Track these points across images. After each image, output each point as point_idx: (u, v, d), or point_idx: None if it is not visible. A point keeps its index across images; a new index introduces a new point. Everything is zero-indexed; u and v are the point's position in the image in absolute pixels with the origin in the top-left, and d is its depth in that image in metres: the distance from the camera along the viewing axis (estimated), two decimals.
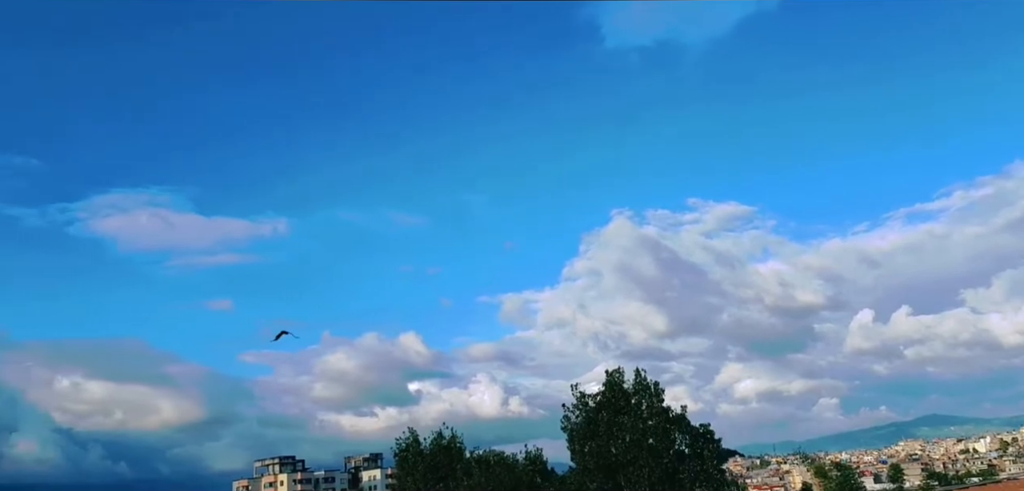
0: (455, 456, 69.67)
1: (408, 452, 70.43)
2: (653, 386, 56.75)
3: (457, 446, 70.80)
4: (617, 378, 57.37)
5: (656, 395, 56.42)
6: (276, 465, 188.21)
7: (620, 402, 56.26)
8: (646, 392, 56.60)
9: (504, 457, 69.97)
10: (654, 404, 56.15)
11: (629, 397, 56.55)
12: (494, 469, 66.78)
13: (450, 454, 69.77)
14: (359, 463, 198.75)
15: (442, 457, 69.34)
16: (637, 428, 54.77)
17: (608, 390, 57.08)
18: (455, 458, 69.43)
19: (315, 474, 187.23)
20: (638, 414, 55.72)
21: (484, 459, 69.19)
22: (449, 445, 70.48)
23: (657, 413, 55.92)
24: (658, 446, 54.76)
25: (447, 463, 68.93)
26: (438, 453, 69.62)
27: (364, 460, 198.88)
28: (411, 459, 69.98)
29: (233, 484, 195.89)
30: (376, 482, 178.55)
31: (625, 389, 56.85)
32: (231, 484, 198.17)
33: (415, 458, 69.80)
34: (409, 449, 70.48)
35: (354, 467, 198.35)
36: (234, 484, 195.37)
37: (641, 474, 53.77)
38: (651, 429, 55.21)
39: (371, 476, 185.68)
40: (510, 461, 69.28)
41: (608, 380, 57.51)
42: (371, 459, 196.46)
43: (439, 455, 69.45)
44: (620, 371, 57.77)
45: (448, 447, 70.35)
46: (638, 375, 57.30)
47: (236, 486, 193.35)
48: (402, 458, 70.96)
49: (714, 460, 56.67)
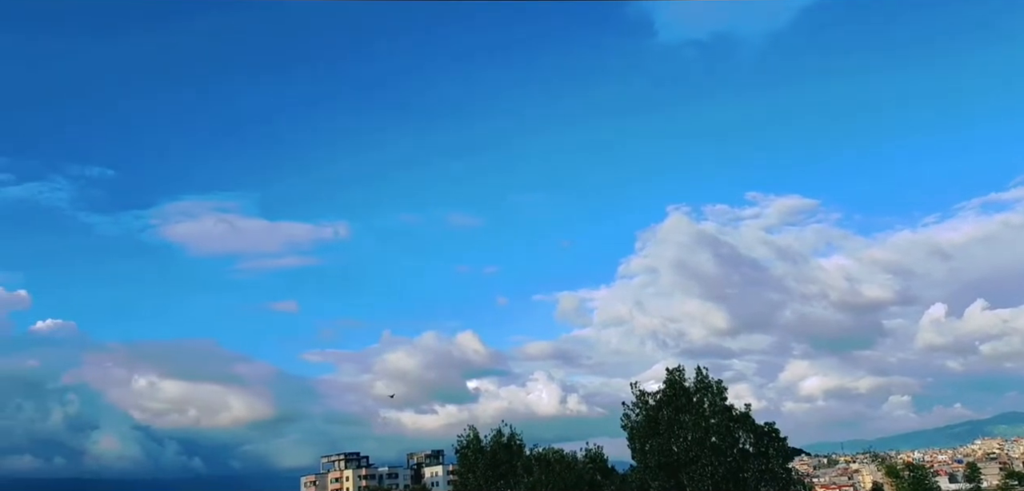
0: (515, 454, 70.04)
1: (469, 449, 71.16)
2: (715, 384, 55.97)
3: (517, 444, 71.19)
4: (678, 376, 56.73)
5: (718, 393, 55.62)
6: (342, 461, 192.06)
7: (681, 400, 55.63)
8: (708, 390, 55.85)
9: (564, 455, 69.91)
10: (716, 402, 55.36)
11: (690, 395, 55.87)
12: (554, 467, 66.80)
13: (510, 451, 70.20)
14: (421, 459, 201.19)
15: (502, 454, 69.82)
16: (699, 426, 54.07)
17: (669, 388, 56.51)
18: (515, 456, 69.79)
19: (379, 470, 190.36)
20: (700, 412, 54.99)
21: (544, 457, 69.25)
22: (509, 443, 70.93)
23: (720, 411, 55.12)
24: (721, 444, 53.95)
25: (507, 460, 69.35)
26: (498, 450, 70.14)
27: (426, 457, 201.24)
28: (472, 456, 70.68)
29: (301, 480, 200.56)
30: (438, 478, 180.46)
31: (686, 387, 56.18)
32: (299, 480, 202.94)
33: (476, 455, 70.46)
34: (470, 446, 71.20)
35: (416, 463, 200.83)
36: (302, 480, 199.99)
37: (704, 472, 53.05)
38: (714, 427, 54.43)
39: (433, 472, 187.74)
40: (570, 459, 69.18)
41: (669, 378, 56.93)
42: (433, 456, 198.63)
43: (499, 452, 69.95)
44: (680, 369, 57.15)
45: (508, 444, 70.80)
46: (699, 373, 56.57)
47: (304, 482, 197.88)
48: (463, 455, 71.72)
49: (779, 459, 55.52)
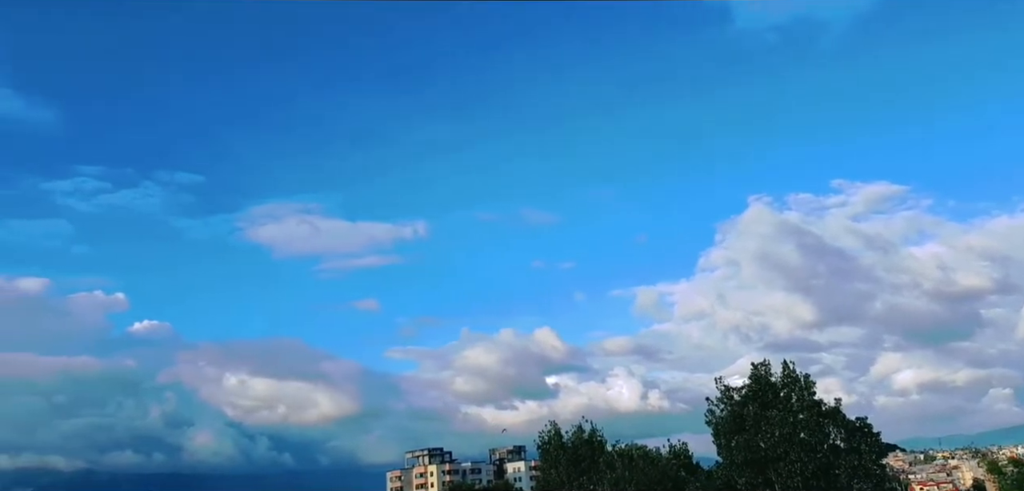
0: (597, 450, 69.75)
1: (550, 445, 71.26)
2: (803, 378, 54.50)
3: (598, 440, 70.88)
4: (763, 371, 55.49)
5: (806, 387, 54.15)
6: (425, 456, 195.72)
7: (768, 395, 54.37)
8: (795, 384, 54.44)
9: (647, 451, 69.31)
10: (805, 397, 53.90)
11: (777, 390, 54.55)
12: (637, 463, 66.29)
13: (592, 447, 69.96)
14: (503, 455, 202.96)
15: (584, 450, 69.65)
16: (787, 422, 52.71)
17: (754, 383, 55.32)
18: (597, 452, 69.50)
19: (462, 465, 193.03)
20: (788, 407, 53.65)
21: (627, 453, 68.79)
22: (590, 438, 70.68)
23: (808, 406, 53.64)
24: (811, 440, 52.48)
25: (589, 456, 69.14)
26: (580, 446, 69.99)
27: (508, 452, 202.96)
28: (553, 452, 70.77)
29: (386, 474, 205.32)
30: (520, 474, 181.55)
31: (772, 382, 54.89)
32: (384, 474, 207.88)
33: (557, 451, 70.52)
34: (551, 442, 71.29)
35: (499, 459, 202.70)
36: (387, 474, 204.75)
37: (793, 469, 51.70)
38: (802, 423, 52.99)
39: (515, 468, 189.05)
40: (653, 455, 68.54)
41: (754, 373, 55.74)
42: (515, 451, 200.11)
43: (581, 448, 69.80)
44: (766, 363, 55.89)
45: (589, 440, 70.57)
46: (786, 367, 55.18)
47: (389, 476, 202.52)
48: (545, 451, 71.90)
49: (872, 455, 53.63)
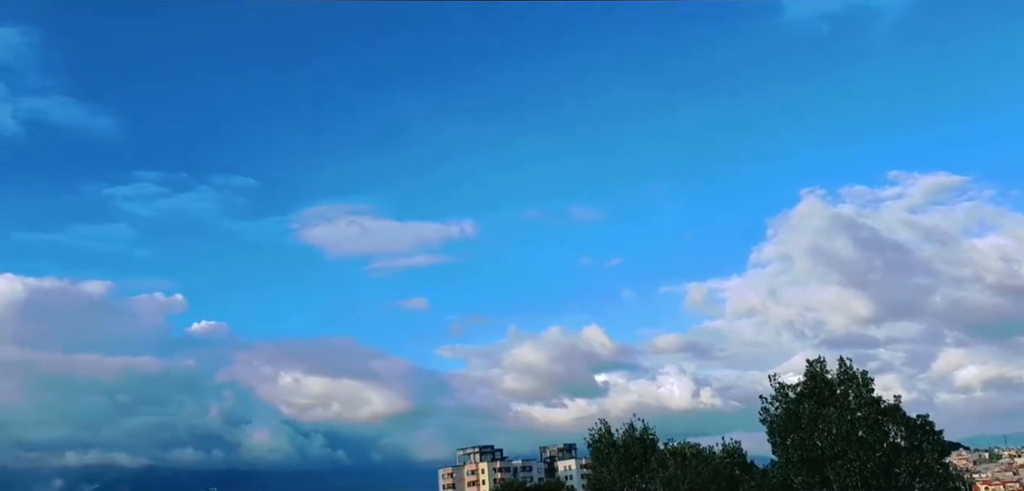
0: (649, 448, 69.17)
1: (601, 443, 70.89)
2: (860, 375, 53.06)
3: (650, 438, 70.26)
4: (819, 368, 54.25)
5: (864, 384, 52.72)
6: (477, 454, 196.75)
7: (824, 392, 53.16)
8: (852, 381, 53.08)
9: (700, 449, 68.47)
10: (862, 394, 52.50)
11: (834, 387, 53.30)
12: (690, 462, 65.51)
13: (644, 446, 69.38)
14: (554, 453, 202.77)
15: (636, 448, 69.11)
16: (845, 420, 51.46)
17: (810, 380, 54.13)
18: (649, 450, 68.92)
19: (513, 463, 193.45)
20: (845, 405, 52.38)
21: (679, 451, 68.05)
22: (642, 437, 70.10)
23: (866, 403, 52.26)
24: (869, 438, 51.13)
25: (641, 454, 68.59)
26: (631, 444, 69.47)
27: (559, 450, 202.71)
28: (605, 450, 70.40)
29: (438, 471, 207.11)
30: (571, 472, 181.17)
31: (829, 379, 53.63)
32: (437, 472, 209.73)
33: (608, 449, 70.13)
34: (602, 440, 70.91)
35: (549, 457, 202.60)
36: (439, 471, 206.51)
37: (851, 468, 50.45)
38: (860, 421, 51.67)
39: (566, 466, 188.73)
40: (706, 454, 67.66)
41: (809, 370, 54.54)
42: (565, 449, 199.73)
43: (632, 446, 69.28)
44: (822, 360, 54.61)
45: (641, 439, 69.99)
46: (842, 364, 53.86)
47: (441, 473, 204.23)
48: (596, 449, 71.56)
49: (935, 453, 51.96)
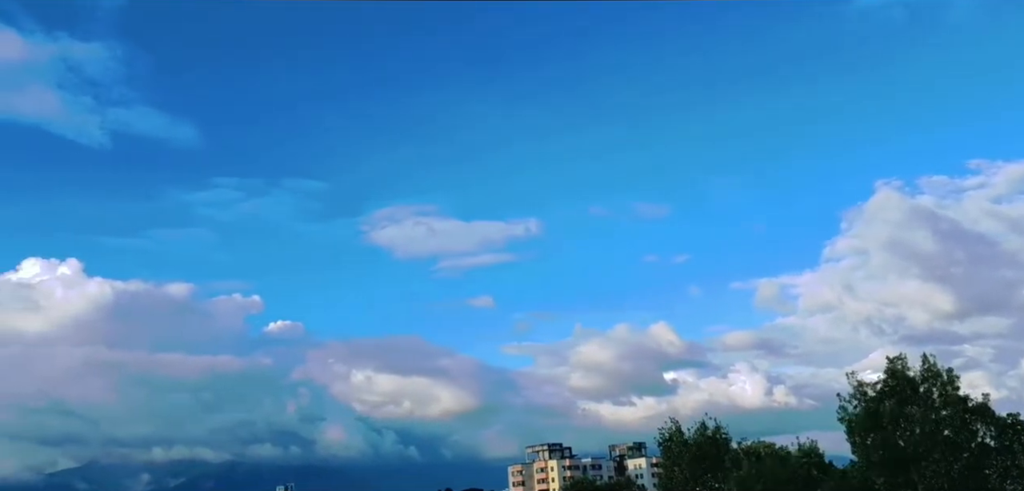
0: (721, 447, 68.06)
1: (672, 442, 70.11)
2: (945, 372, 51.11)
3: (722, 437, 69.11)
4: (901, 365, 52.49)
5: (949, 382, 50.79)
6: (545, 452, 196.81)
7: (906, 391, 51.39)
8: (936, 379, 51.14)
9: (775, 449, 66.95)
10: (947, 392, 50.58)
11: (916, 385, 51.44)
12: (765, 461, 64.12)
13: (716, 445, 68.29)
14: (624, 451, 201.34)
15: (708, 448, 68.08)
16: (929, 419, 49.61)
17: (891, 378, 52.41)
18: (721, 449, 67.83)
19: (582, 461, 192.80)
20: (929, 403, 50.53)
21: (753, 450, 66.76)
22: (714, 436, 69.00)
23: (952, 402, 50.30)
24: (956, 438, 49.23)
25: (714, 454, 67.53)
26: (703, 443, 68.45)
27: (628, 448, 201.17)
28: (676, 449, 69.59)
29: (508, 469, 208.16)
30: (642, 471, 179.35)
31: (911, 377, 51.81)
32: (506, 469, 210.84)
33: (680, 448, 69.29)
34: (673, 439, 70.12)
35: (619, 455, 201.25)
36: (509, 469, 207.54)
37: (937, 469, 48.64)
38: (946, 420, 49.76)
39: (636, 465, 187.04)
40: (782, 453, 66.10)
41: (890, 367, 52.76)
42: (635, 448, 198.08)
43: (705, 445, 68.26)
44: (903, 357, 52.87)
45: (713, 438, 68.91)
46: (925, 361, 51.96)
47: (511, 471, 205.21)
48: (667, 448, 70.80)
49: None
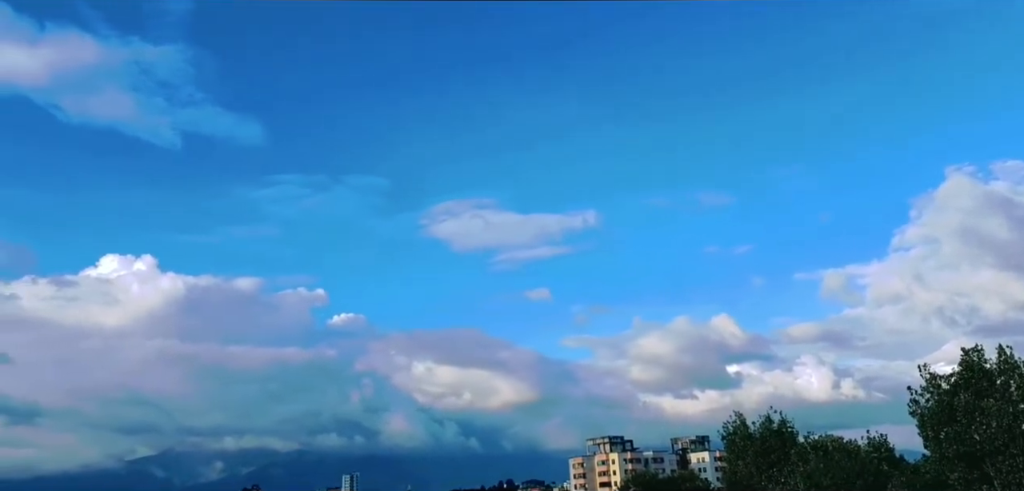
0: (787, 441, 67.05)
1: (737, 435, 69.37)
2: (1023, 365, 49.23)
3: (788, 430, 68.09)
4: (976, 356, 50.69)
5: None
6: (606, 444, 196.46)
7: (982, 383, 49.63)
8: (1015, 371, 49.22)
9: (843, 443, 65.60)
10: None
11: (993, 377, 49.64)
12: (833, 455, 62.89)
13: (782, 438, 67.31)
14: (686, 444, 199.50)
15: (773, 441, 67.18)
16: (1006, 412, 47.83)
17: (966, 370, 50.66)
18: (787, 443, 66.82)
19: (644, 454, 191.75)
20: (1006, 396, 48.67)
21: (821, 444, 65.51)
22: (780, 429, 68.04)
23: None
24: None
25: (779, 448, 66.59)
26: (769, 437, 67.57)
27: (691, 442, 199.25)
28: (740, 443, 68.85)
29: (569, 462, 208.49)
30: (705, 464, 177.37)
31: (986, 368, 50.01)
32: (567, 461, 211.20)
33: (744, 442, 68.52)
34: (738, 432, 69.38)
35: (681, 448, 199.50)
36: (570, 462, 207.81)
37: (1015, 464, 46.91)
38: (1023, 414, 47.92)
39: (699, 458, 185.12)
40: (850, 447, 64.72)
41: (965, 359, 51.03)
42: (698, 441, 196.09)
43: (770, 439, 67.37)
44: (979, 348, 50.99)
45: (779, 431, 67.96)
46: (1002, 352, 50.04)
47: (572, 463, 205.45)
48: (731, 442, 70.08)
49: None
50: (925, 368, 53.15)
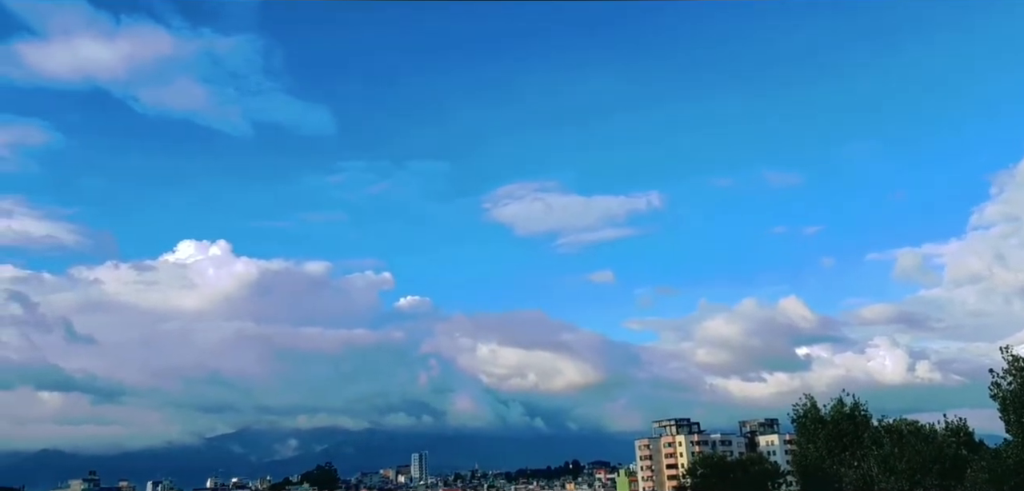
0: (860, 424, 65.83)
1: (807, 419, 68.43)
2: None
3: (861, 414, 66.82)
4: None
5: None
6: (673, 427, 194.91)
7: None
8: None
9: (919, 427, 63.94)
10: None
11: None
12: (908, 439, 61.43)
13: (854, 422, 66.15)
14: (755, 427, 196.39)
15: (846, 425, 66.07)
16: None
17: None
18: (860, 426, 65.61)
19: (711, 437, 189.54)
20: None
21: (895, 428, 64.08)
22: (852, 412, 66.86)
23: None
24: None
25: (852, 431, 65.44)
26: (841, 420, 66.47)
27: (760, 425, 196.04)
28: (811, 426, 67.91)
29: (635, 443, 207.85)
30: (774, 447, 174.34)
31: None
32: (632, 443, 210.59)
33: (816, 425, 67.56)
34: (808, 416, 68.43)
35: (750, 431, 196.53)
36: (636, 443, 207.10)
37: None
38: None
39: (768, 441, 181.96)
40: (927, 431, 63.06)
41: None
42: (767, 424, 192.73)
43: (842, 423, 66.27)
44: None
45: (851, 414, 66.80)
46: None
47: (638, 444, 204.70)
48: (801, 425, 69.15)
49: None
50: (1007, 350, 51.54)
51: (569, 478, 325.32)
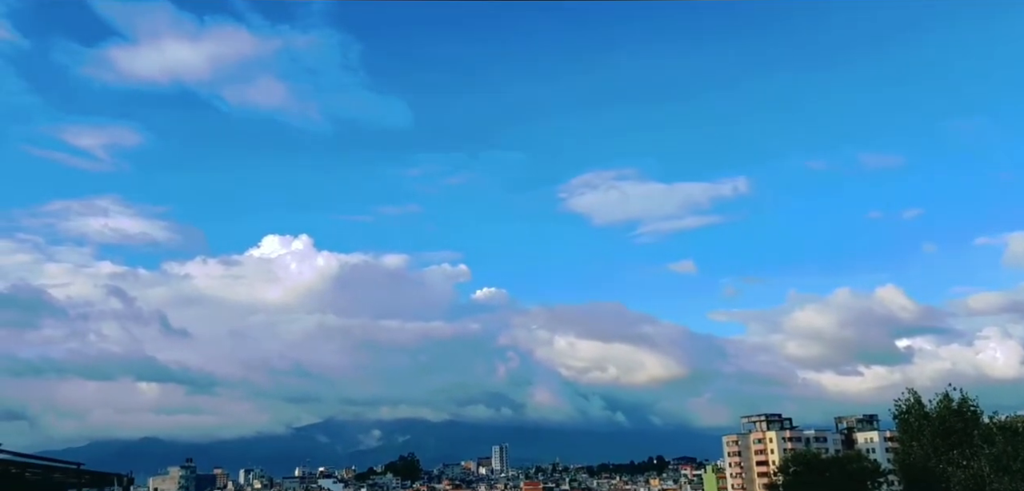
0: (970, 421, 62.48)
1: (911, 415, 65.39)
2: None
3: (970, 410, 63.42)
4: None
5: None
6: (763, 422, 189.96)
7: None
8: None
9: None
10: None
11: None
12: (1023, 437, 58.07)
13: (963, 418, 62.76)
14: (852, 424, 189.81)
15: (953, 421, 62.77)
16: None
17: None
18: (970, 423, 62.25)
19: (805, 433, 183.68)
20: None
21: (1009, 425, 60.66)
22: (960, 408, 63.45)
23: None
24: None
25: (960, 428, 62.12)
26: (948, 417, 63.19)
27: (857, 421, 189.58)
28: (915, 423, 64.86)
29: (723, 439, 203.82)
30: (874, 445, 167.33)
31: None
32: (720, 438, 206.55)
33: (920, 421, 64.50)
34: (912, 412, 65.37)
35: (846, 428, 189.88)
36: (724, 439, 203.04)
37: None
38: None
39: (867, 438, 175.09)
40: None
41: None
42: (865, 420, 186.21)
43: (949, 419, 62.99)
44: None
45: (959, 410, 63.40)
46: None
47: (726, 440, 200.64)
48: (904, 421, 66.17)
49: None
50: None
51: (653, 474, 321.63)
